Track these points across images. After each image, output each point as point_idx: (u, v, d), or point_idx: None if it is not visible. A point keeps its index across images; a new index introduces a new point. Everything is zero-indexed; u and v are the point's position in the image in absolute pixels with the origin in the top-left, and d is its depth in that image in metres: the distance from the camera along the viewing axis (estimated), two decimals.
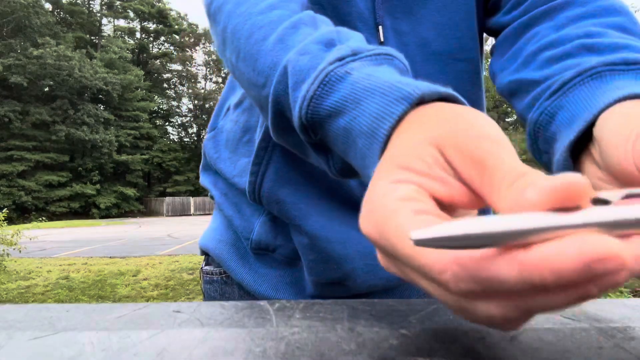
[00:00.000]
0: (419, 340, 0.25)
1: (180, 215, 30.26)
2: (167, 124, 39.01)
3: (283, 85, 0.36)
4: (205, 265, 0.68)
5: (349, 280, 0.55)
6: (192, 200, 31.01)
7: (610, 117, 0.30)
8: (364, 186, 0.49)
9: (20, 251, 7.01)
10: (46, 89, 28.97)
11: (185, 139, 38.45)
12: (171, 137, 38.79)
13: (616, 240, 0.16)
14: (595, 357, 0.23)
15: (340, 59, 0.33)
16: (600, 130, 0.30)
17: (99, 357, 0.23)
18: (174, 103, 39.61)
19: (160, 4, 38.34)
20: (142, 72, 34.50)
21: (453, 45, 0.55)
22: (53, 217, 26.73)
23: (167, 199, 31.09)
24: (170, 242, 11.12)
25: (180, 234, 13.31)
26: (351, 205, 0.55)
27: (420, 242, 0.18)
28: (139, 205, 32.25)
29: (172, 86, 40.24)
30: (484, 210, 0.49)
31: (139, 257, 8.38)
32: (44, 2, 30.10)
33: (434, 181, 0.23)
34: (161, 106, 38.72)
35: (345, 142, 0.31)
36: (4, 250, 6.85)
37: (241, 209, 0.61)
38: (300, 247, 0.55)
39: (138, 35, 39.31)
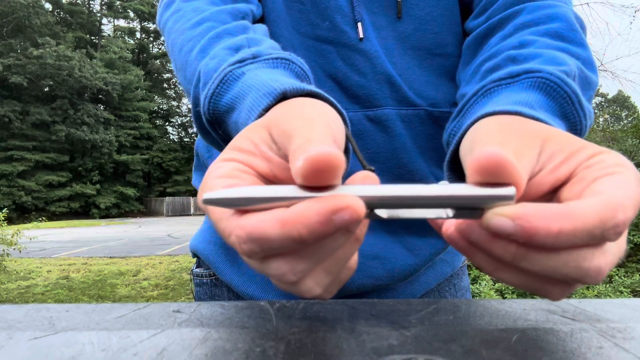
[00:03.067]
0: (419, 340, 0.25)
1: (180, 215, 30.25)
2: (167, 124, 39.01)
3: (198, 88, 0.39)
4: (196, 267, 0.68)
5: None
6: (192, 200, 31.00)
7: (466, 138, 0.33)
8: None
9: (20, 251, 7.00)
10: (46, 89, 28.96)
11: (185, 139, 38.43)
12: (171, 137, 38.79)
13: (353, 196, 0.20)
14: (595, 357, 0.23)
15: (240, 61, 0.37)
16: (461, 150, 0.33)
17: (99, 357, 0.23)
18: (174, 103, 39.60)
19: None
20: (142, 72, 34.48)
21: (430, 40, 0.56)
22: (53, 217, 26.71)
23: (167, 199, 31.08)
24: (170, 242, 11.12)
25: (180, 234, 13.30)
26: None
27: (208, 202, 0.22)
28: (139, 205, 32.23)
29: (172, 86, 40.23)
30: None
31: (139, 257, 8.38)
32: (44, 2, 30.09)
33: (256, 158, 0.26)
34: (161, 106, 38.71)
35: (234, 132, 0.34)
36: (4, 250, 6.84)
37: None
38: None
39: (138, 35, 39.30)
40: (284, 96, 0.32)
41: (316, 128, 0.25)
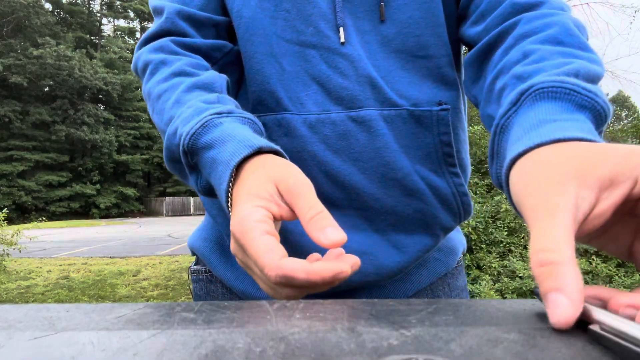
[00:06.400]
0: (419, 340, 0.25)
1: (180, 215, 30.25)
2: None
3: (173, 128, 0.49)
4: (194, 265, 0.70)
5: None
6: (192, 200, 31.01)
7: (512, 194, 0.35)
8: (334, 183, 0.58)
9: (20, 251, 7.00)
10: (46, 89, 28.96)
11: None
12: None
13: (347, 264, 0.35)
14: (595, 357, 0.23)
15: (219, 113, 0.47)
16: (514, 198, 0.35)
17: (99, 357, 0.23)
18: None
19: None
20: None
21: (412, 42, 0.57)
22: (53, 217, 26.70)
23: (167, 199, 31.09)
24: (170, 242, 11.12)
25: (180, 234, 13.30)
26: (322, 200, 0.56)
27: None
28: (139, 205, 32.22)
29: None
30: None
31: (139, 257, 8.38)
32: (44, 2, 30.08)
33: (272, 204, 0.39)
34: None
35: (211, 167, 0.45)
36: (4, 250, 6.84)
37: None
38: None
39: (138, 35, 39.29)
40: (259, 150, 0.43)
41: (311, 191, 0.39)
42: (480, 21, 0.56)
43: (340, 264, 0.34)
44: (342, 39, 0.57)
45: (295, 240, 0.57)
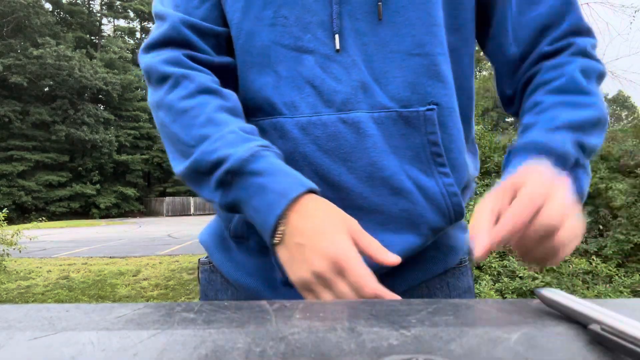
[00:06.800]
0: (419, 340, 0.25)
1: (180, 215, 30.25)
2: None
3: (212, 147, 0.54)
4: (204, 257, 0.76)
5: None
6: (192, 200, 31.01)
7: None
8: (325, 183, 0.61)
9: (20, 251, 6.99)
10: (46, 89, 28.96)
11: None
12: None
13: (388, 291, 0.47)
14: (595, 358, 0.23)
15: (264, 146, 0.54)
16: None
17: (99, 357, 0.23)
18: None
19: None
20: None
21: (408, 42, 0.60)
22: (53, 217, 26.68)
23: (167, 199, 31.09)
24: (170, 242, 11.12)
25: (180, 234, 13.29)
26: None
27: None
28: (139, 205, 32.21)
29: None
30: None
31: (139, 257, 8.38)
32: (44, 2, 30.08)
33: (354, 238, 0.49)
34: None
35: (256, 191, 0.51)
36: (4, 250, 6.84)
37: None
38: None
39: (138, 35, 39.29)
40: (309, 190, 0.50)
41: (363, 230, 0.50)
42: (514, 45, 0.65)
43: (392, 293, 0.47)
44: (337, 47, 0.59)
45: None
